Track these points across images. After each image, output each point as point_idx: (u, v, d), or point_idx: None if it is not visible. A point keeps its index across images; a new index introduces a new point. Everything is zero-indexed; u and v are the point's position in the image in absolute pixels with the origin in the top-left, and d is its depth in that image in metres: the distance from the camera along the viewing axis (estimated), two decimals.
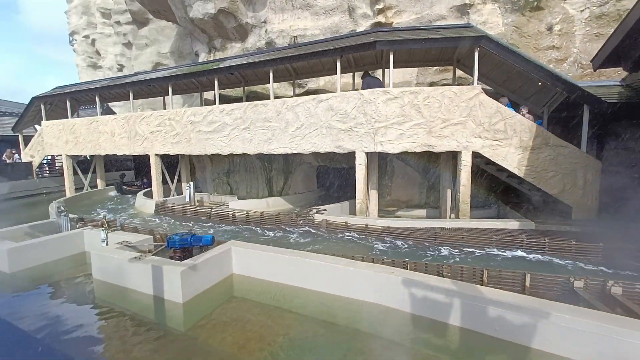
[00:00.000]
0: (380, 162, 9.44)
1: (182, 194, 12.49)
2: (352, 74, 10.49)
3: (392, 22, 10.60)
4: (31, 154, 16.17)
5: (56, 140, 14.57)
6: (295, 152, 8.88)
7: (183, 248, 5.19)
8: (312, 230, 7.98)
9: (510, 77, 8.53)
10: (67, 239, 6.79)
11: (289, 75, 11.47)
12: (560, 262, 5.74)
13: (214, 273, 5.18)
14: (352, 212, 8.96)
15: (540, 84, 7.66)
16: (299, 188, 12.49)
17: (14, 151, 18.12)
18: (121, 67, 22.73)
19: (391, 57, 7.66)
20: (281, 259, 5.18)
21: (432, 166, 9.60)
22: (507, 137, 7.23)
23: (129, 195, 14.52)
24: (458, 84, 9.34)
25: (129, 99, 12.16)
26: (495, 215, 8.67)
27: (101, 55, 24.63)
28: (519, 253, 6.07)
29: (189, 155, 12.24)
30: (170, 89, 11.38)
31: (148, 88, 12.93)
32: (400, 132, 7.57)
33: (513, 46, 7.84)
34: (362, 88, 8.22)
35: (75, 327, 4.32)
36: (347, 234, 7.55)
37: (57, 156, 16.36)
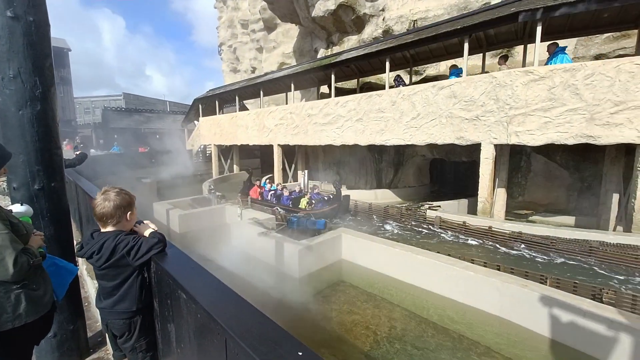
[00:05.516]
0: (513, 155, 7.99)
1: (297, 181, 13.77)
2: (482, 54, 9.16)
3: None
4: (191, 144, 20.82)
5: (207, 132, 18.28)
6: (409, 143, 8.44)
7: (300, 229, 5.72)
8: (423, 227, 7.51)
9: None
10: (215, 211, 8.46)
11: (405, 63, 10.93)
12: None
13: (326, 256, 5.51)
14: (472, 211, 7.97)
15: None
16: (409, 181, 11.92)
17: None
18: (254, 69, 26.45)
19: (539, 29, 6.29)
20: (391, 251, 5.08)
21: (589, 163, 7.52)
22: None
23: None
24: None
25: (259, 97, 14.05)
26: None
27: (239, 60, 29.26)
28: None
29: (305, 145, 13.30)
30: (292, 85, 12.55)
31: (274, 85, 14.63)
32: (546, 120, 6.19)
33: None
34: None
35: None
36: (464, 235, 6.78)
37: (207, 145, 20.50)
